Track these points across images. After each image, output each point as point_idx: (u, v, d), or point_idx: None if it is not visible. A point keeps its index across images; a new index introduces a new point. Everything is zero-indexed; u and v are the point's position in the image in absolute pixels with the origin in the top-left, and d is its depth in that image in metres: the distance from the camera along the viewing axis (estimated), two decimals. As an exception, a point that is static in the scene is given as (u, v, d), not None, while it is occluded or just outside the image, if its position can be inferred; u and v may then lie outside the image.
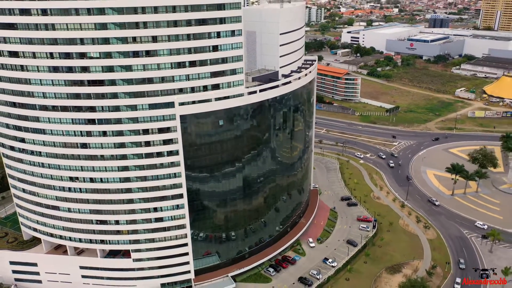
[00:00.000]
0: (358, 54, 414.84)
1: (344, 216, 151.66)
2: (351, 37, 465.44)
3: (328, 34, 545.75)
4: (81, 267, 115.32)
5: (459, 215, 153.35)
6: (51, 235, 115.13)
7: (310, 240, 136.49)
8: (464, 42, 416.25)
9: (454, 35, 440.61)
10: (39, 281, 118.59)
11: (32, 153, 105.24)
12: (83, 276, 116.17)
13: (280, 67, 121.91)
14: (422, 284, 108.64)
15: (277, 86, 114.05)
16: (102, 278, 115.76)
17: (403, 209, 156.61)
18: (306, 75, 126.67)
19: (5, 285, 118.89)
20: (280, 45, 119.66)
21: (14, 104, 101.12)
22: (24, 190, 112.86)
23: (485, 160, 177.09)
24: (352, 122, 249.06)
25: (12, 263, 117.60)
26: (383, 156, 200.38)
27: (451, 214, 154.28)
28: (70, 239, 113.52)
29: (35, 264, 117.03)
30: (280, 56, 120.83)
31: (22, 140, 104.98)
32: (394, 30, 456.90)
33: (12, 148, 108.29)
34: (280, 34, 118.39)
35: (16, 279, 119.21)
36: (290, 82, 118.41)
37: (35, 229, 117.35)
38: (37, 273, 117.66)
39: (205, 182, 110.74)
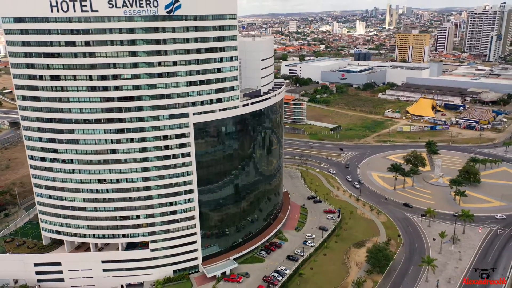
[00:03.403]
0: (297, 84, 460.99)
1: (313, 210, 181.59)
2: (289, 69, 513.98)
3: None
4: (103, 261, 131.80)
5: (402, 203, 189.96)
6: (75, 235, 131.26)
7: (309, 240, 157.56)
8: (386, 72, 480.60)
9: (377, 66, 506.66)
10: (61, 280, 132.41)
11: (63, 161, 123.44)
12: (104, 270, 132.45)
13: (262, 86, 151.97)
14: (383, 247, 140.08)
15: (261, 100, 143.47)
16: (122, 270, 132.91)
17: (358, 202, 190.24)
18: (279, 93, 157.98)
19: (30, 286, 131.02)
20: (261, 69, 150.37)
21: (50, 120, 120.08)
22: (50, 197, 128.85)
23: (416, 161, 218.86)
24: (304, 140, 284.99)
25: (36, 264, 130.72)
26: (350, 179, 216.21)
27: (396, 203, 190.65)
28: (94, 236, 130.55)
29: (59, 264, 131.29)
30: (261, 77, 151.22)
31: (55, 151, 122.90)
32: (327, 63, 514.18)
33: (42, 159, 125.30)
34: (261, 60, 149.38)
35: (39, 280, 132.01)
36: (270, 98, 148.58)
37: (58, 232, 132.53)
38: (60, 272, 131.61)
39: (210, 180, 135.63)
